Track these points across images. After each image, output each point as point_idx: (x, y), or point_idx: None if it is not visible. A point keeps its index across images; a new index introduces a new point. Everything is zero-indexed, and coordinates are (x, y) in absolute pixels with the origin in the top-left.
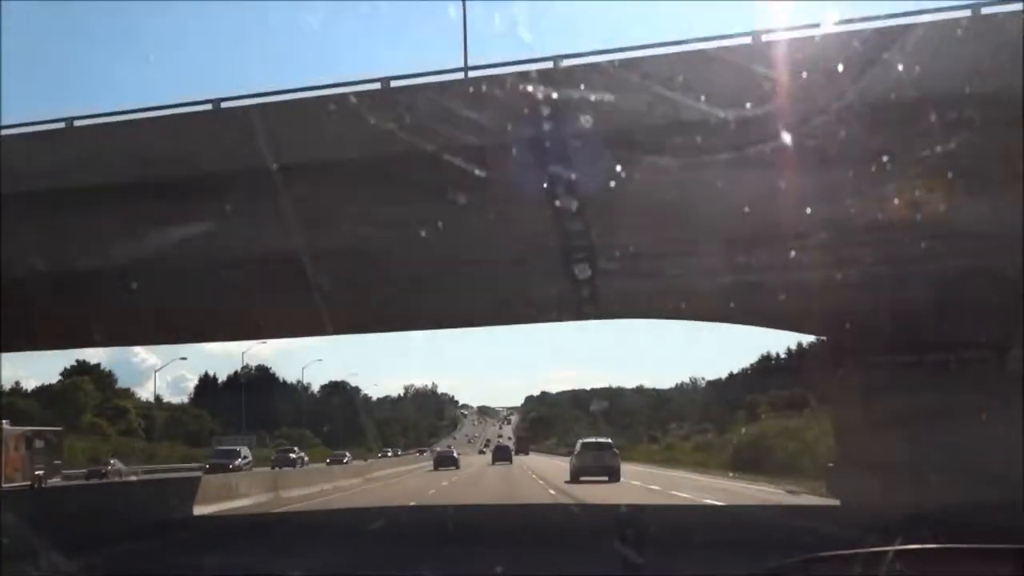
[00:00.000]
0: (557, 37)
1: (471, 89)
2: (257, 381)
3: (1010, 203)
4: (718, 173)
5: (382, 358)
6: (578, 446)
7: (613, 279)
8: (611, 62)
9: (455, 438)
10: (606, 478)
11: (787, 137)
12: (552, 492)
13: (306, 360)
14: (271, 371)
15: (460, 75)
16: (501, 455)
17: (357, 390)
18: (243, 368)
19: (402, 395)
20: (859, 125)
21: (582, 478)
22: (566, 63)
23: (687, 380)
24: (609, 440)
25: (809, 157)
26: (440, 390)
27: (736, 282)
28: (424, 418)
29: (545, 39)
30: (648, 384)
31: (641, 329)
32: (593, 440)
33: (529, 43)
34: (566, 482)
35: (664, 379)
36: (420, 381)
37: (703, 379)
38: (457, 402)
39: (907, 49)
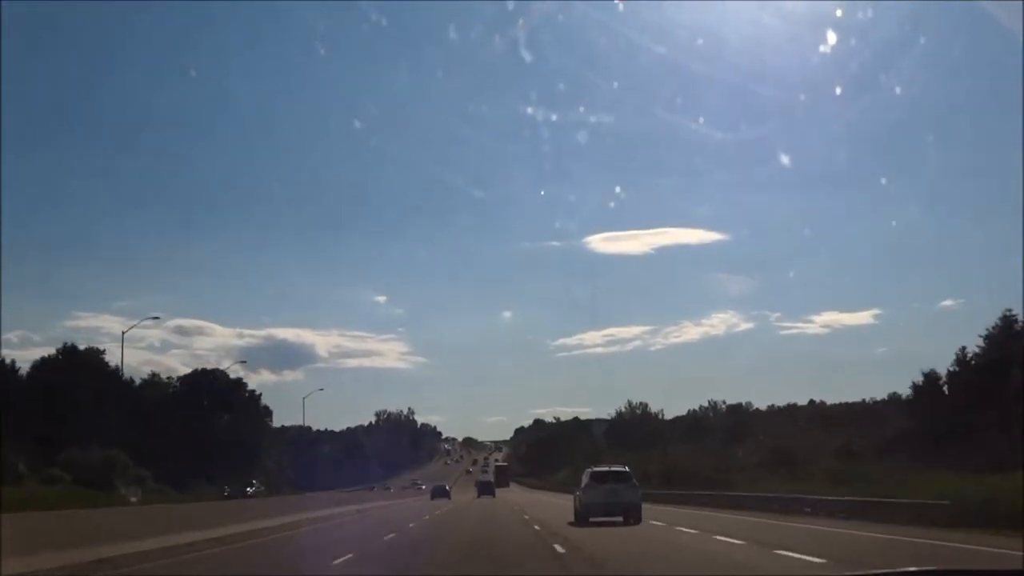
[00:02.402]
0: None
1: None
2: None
3: None
4: None
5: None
6: (585, 477)
7: None
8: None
9: (416, 482)
10: (621, 519)
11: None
12: (560, 548)
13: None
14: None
15: None
16: (484, 489)
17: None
18: None
19: (374, 422)
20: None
21: (592, 519)
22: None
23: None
24: (626, 468)
25: None
26: (422, 421)
27: None
28: (390, 449)
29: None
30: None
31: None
32: (605, 469)
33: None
34: (570, 523)
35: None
36: (395, 407)
37: (723, 403)
38: (440, 433)
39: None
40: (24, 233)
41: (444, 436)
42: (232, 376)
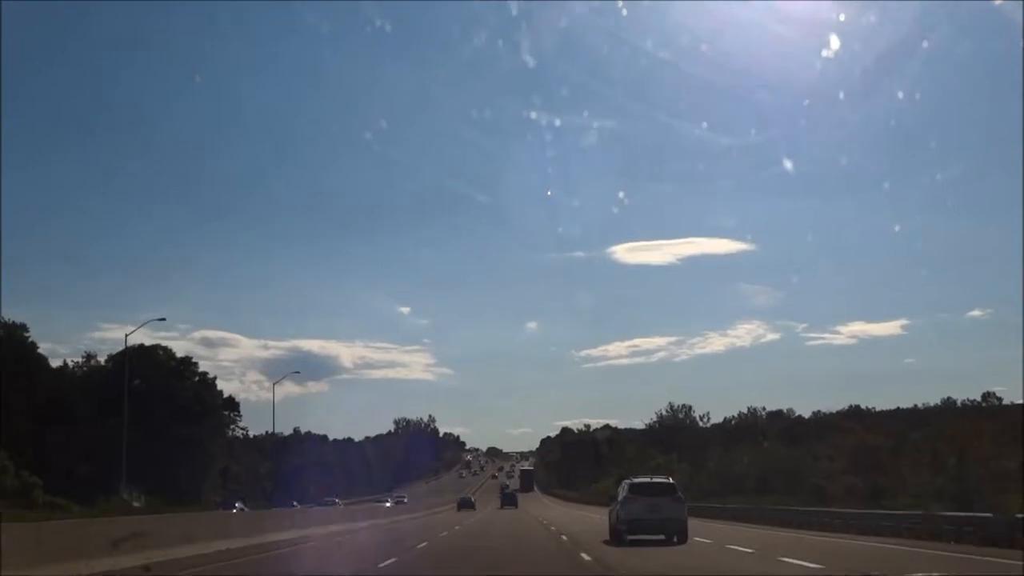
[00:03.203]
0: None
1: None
2: None
3: None
4: None
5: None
6: (623, 489)
7: None
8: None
9: (398, 496)
10: (663, 536)
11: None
12: None
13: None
14: None
15: None
16: (508, 501)
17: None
18: None
19: (392, 431)
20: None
21: (630, 537)
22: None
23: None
24: (669, 479)
25: None
26: (445, 431)
27: None
28: (408, 458)
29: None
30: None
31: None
32: (646, 480)
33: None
34: (604, 543)
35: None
36: (415, 415)
37: (763, 409)
38: (463, 444)
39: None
40: (52, 246)
41: (468, 447)
42: (183, 355)
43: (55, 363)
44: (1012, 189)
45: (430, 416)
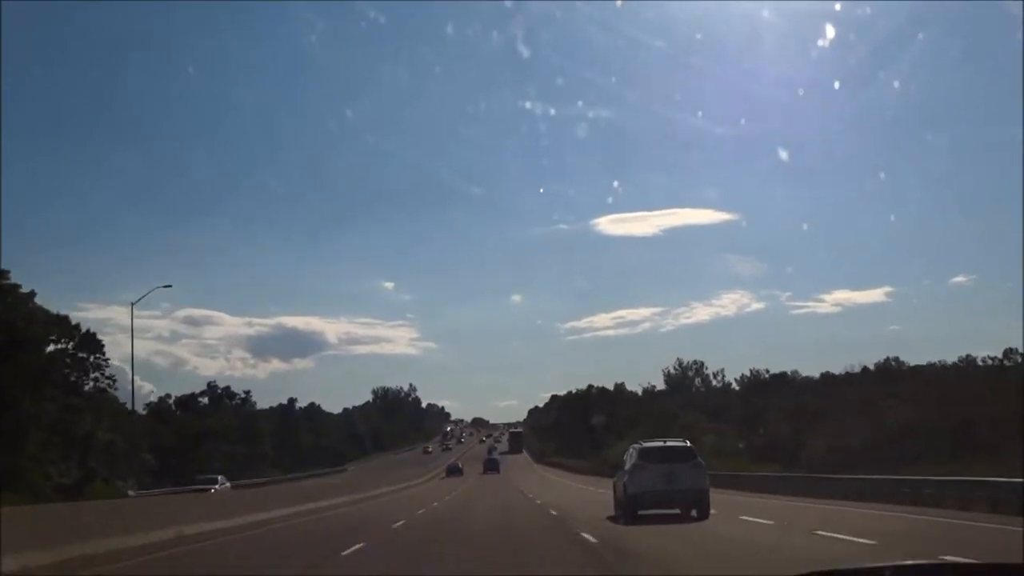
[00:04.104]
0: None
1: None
2: None
3: None
4: None
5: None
6: (631, 456)
7: None
8: None
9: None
10: (678, 511)
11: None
12: None
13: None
14: None
15: None
16: (490, 466)
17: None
18: None
19: (371, 401)
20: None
21: (642, 512)
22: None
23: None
24: (687, 443)
25: None
26: (429, 402)
27: None
28: (383, 430)
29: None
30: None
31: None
32: (659, 445)
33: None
34: (609, 518)
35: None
36: (394, 383)
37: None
38: (448, 415)
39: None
40: (31, 225)
41: (452, 418)
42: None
43: None
44: (1008, 178)
45: (411, 385)
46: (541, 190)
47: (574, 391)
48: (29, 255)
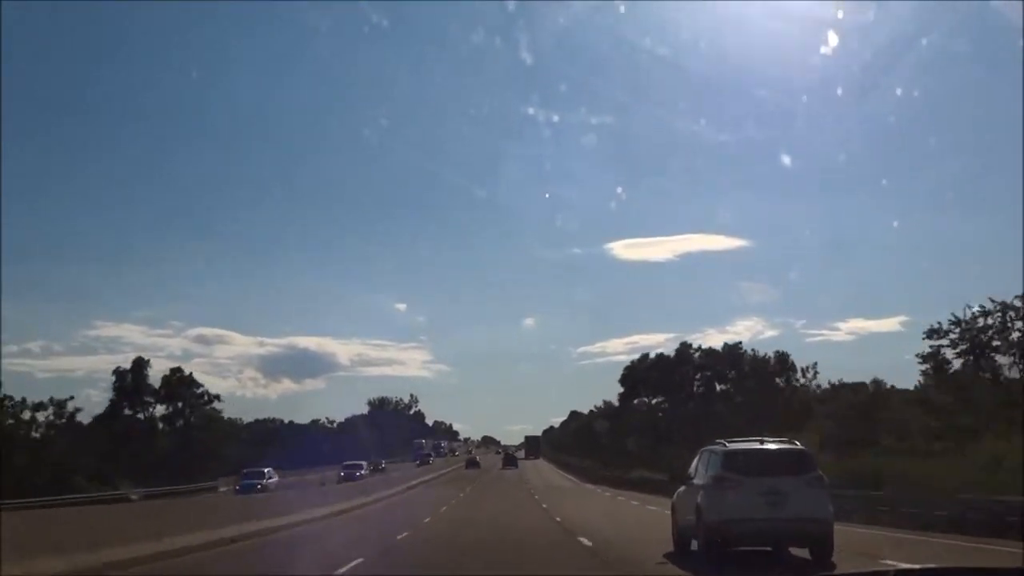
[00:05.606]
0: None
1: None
2: None
3: None
4: None
5: None
6: (705, 463)
7: None
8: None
9: None
10: (782, 550)
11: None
12: None
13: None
14: None
15: None
16: (509, 461)
17: None
18: None
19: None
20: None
21: (732, 549)
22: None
23: None
24: (795, 444)
25: None
26: (435, 419)
27: None
28: (380, 438)
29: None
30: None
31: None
32: (754, 447)
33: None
34: (667, 556)
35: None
36: (395, 395)
37: None
38: (456, 432)
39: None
40: (45, 243)
41: (461, 436)
42: None
43: None
44: (1012, 186)
45: (411, 396)
46: (547, 195)
47: (594, 408)
48: (44, 272)
